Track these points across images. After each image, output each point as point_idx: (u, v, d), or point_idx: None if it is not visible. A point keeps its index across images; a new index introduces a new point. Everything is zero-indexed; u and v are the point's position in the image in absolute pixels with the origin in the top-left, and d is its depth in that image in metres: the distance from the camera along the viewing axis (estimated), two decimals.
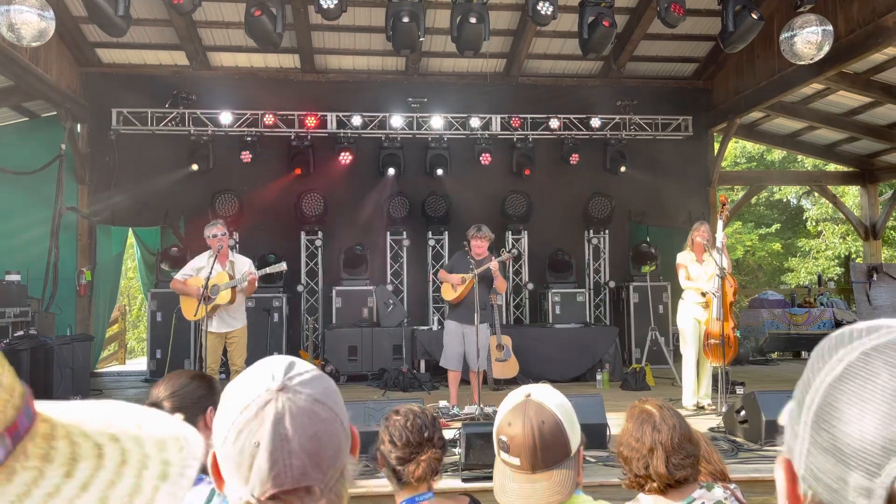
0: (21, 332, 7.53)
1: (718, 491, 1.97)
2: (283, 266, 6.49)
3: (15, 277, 8.17)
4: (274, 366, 0.90)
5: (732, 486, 2.00)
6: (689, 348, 6.77)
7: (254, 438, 0.84)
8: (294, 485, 0.84)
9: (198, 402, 1.99)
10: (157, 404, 1.92)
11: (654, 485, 1.91)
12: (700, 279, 6.65)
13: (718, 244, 6.35)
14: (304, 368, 0.91)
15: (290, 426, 0.84)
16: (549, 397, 1.53)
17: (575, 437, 1.51)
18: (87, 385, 8.46)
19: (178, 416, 1.97)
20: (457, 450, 4.46)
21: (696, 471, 1.97)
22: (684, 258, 6.81)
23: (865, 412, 0.55)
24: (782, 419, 0.65)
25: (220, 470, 0.89)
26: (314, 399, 0.87)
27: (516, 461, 1.47)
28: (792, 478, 0.61)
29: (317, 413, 0.86)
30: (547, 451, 1.46)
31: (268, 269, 6.38)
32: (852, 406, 0.56)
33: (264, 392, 0.86)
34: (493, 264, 6.37)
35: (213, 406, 2.04)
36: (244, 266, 6.45)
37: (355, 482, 0.92)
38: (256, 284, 6.36)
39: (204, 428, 1.99)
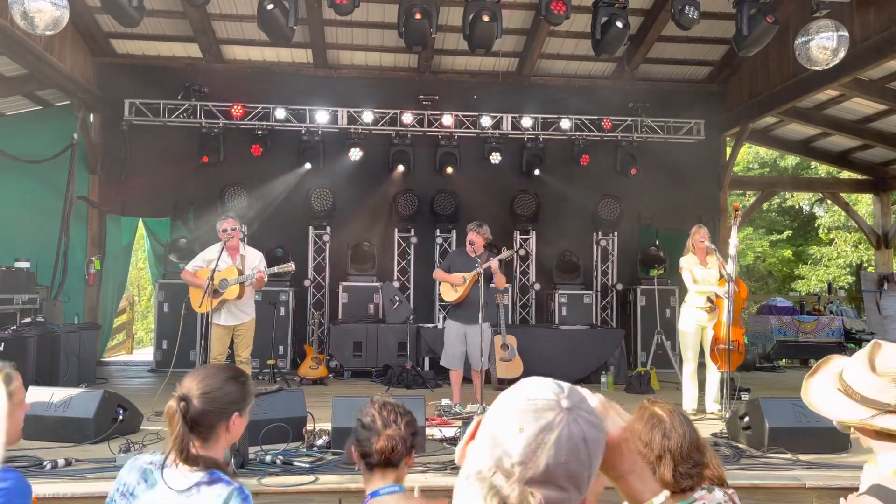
0: (29, 320, 7.58)
1: (719, 493, 1.95)
2: (291, 266, 6.50)
3: (24, 265, 8.22)
4: (574, 389, 0.95)
5: (730, 491, 1.99)
6: (689, 352, 6.73)
7: (522, 424, 0.89)
8: (519, 481, 0.87)
9: (227, 408, 1.96)
10: (186, 399, 1.91)
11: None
12: (705, 282, 6.61)
13: (732, 250, 6.30)
14: (593, 411, 0.95)
15: (552, 441, 0.88)
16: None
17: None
18: (93, 374, 8.51)
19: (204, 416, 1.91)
20: (456, 448, 4.44)
21: (701, 479, 1.96)
22: (688, 262, 6.76)
23: None
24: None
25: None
26: (584, 438, 0.90)
27: None
28: None
29: (578, 451, 0.89)
30: None
31: (276, 269, 6.39)
32: None
33: (555, 401, 0.91)
34: (493, 262, 6.35)
35: (239, 412, 1.99)
36: (255, 260, 6.47)
37: None
38: (266, 280, 6.37)
39: (225, 433, 1.97)
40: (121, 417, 5.21)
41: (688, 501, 1.90)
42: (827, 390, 1.82)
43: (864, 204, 16.56)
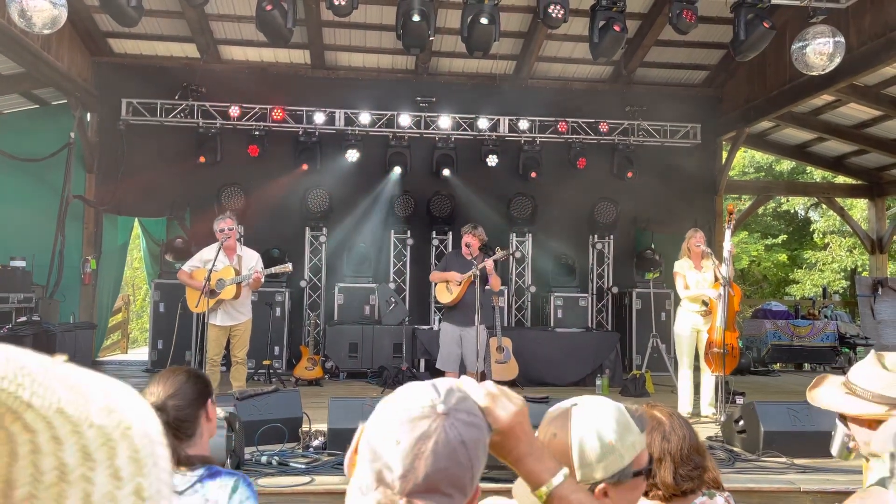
0: (24, 318, 7.57)
1: (720, 499, 1.96)
2: (288, 267, 6.50)
3: (20, 263, 8.21)
4: (455, 392, 0.96)
5: (726, 494, 2.00)
6: (684, 356, 6.75)
7: (398, 436, 0.90)
8: (401, 494, 0.89)
9: (198, 399, 2.03)
10: (161, 407, 1.93)
11: (659, 493, 1.91)
12: (699, 286, 6.63)
13: (726, 253, 6.32)
14: (474, 410, 0.96)
15: (429, 449, 0.89)
16: (587, 420, 1.44)
17: (588, 472, 1.37)
18: None
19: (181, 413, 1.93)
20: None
21: (702, 482, 1.96)
22: (682, 266, 6.78)
23: None
24: (892, 446, 0.63)
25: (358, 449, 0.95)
26: (462, 441, 0.91)
27: None
28: None
29: (457, 455, 0.90)
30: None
31: (273, 270, 6.39)
32: None
33: (429, 407, 0.91)
34: (488, 263, 6.36)
35: (210, 399, 2.07)
36: (251, 260, 6.46)
37: None
38: (263, 281, 6.37)
39: (206, 421, 2.04)
40: None
41: None
42: (835, 394, 1.93)
43: (859, 209, 16.63)
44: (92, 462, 0.46)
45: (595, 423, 1.40)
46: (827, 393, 2.00)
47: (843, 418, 1.99)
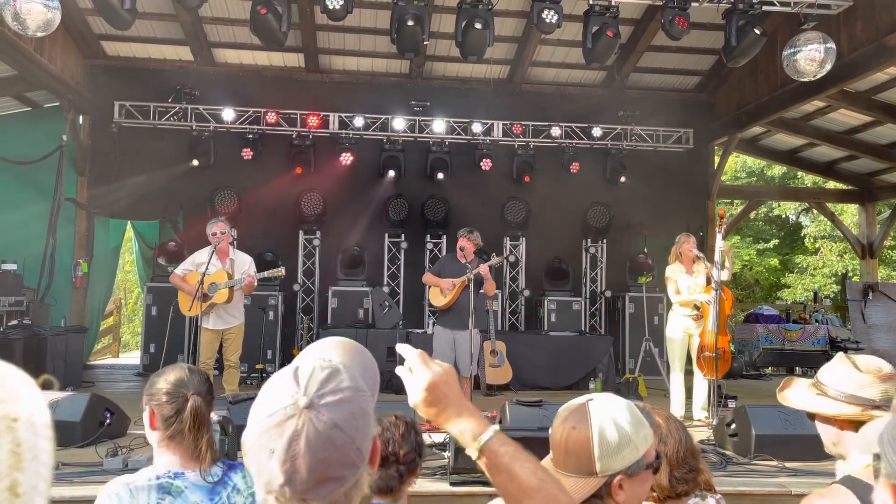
0: (15, 322, 7.53)
1: (711, 501, 1.98)
2: (281, 271, 6.50)
3: (11, 266, 8.17)
4: (314, 375, 0.94)
5: (718, 496, 2.02)
6: (676, 360, 6.77)
7: (270, 444, 0.89)
8: (295, 497, 0.89)
9: (210, 394, 2.05)
10: (201, 393, 1.96)
11: (654, 494, 1.92)
12: (691, 291, 6.66)
13: (717, 258, 6.35)
14: (339, 386, 0.94)
15: (303, 446, 0.88)
16: (604, 412, 1.49)
17: (608, 462, 1.45)
18: (80, 377, 8.46)
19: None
20: (446, 453, 4.46)
21: (697, 484, 1.98)
22: (673, 271, 6.80)
23: None
24: (877, 447, 0.64)
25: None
26: (334, 424, 0.90)
27: (551, 454, 1.54)
28: None
29: (332, 439, 0.90)
30: (568, 457, 1.47)
31: (266, 273, 6.38)
32: None
33: (291, 406, 0.90)
34: (484, 268, 6.36)
35: (212, 398, 2.07)
36: (244, 264, 6.45)
37: (366, 489, 0.97)
38: (256, 284, 6.37)
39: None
40: (108, 421, 5.18)
41: None
42: (805, 395, 1.97)
43: (850, 214, 16.73)
44: None
45: (613, 415, 1.46)
46: (797, 394, 2.05)
47: (812, 417, 2.04)
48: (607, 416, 1.47)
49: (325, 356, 1.03)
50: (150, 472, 1.90)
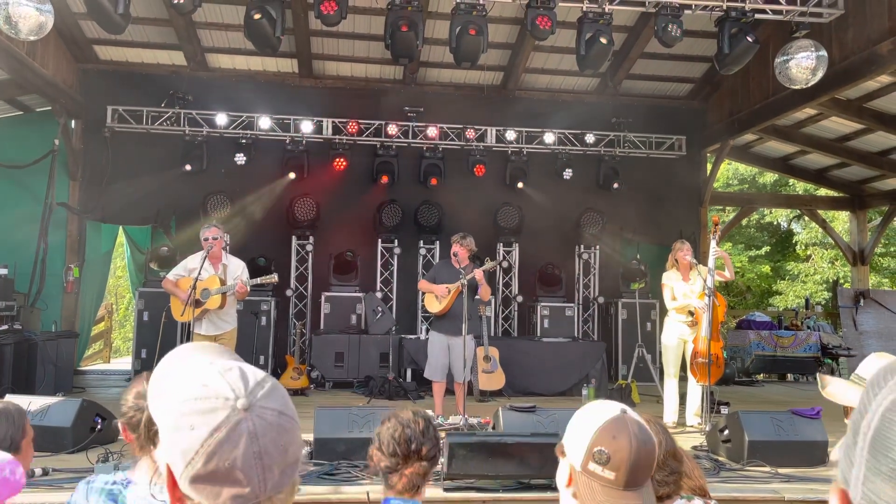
0: (5, 327, 7.48)
1: (698, 501, 1.98)
2: (274, 278, 6.47)
3: (2, 271, 8.10)
4: (229, 379, 0.90)
5: (712, 502, 2.02)
6: (671, 366, 6.78)
7: (227, 459, 0.85)
8: (268, 495, 0.87)
9: None
10: (141, 410, 1.91)
11: None
12: (687, 297, 6.67)
13: (712, 262, 6.36)
14: (258, 378, 0.92)
15: (263, 444, 0.86)
16: (639, 417, 1.50)
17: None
18: (70, 382, 8.40)
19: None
20: (440, 459, 4.44)
21: (679, 487, 1.98)
22: (669, 278, 6.82)
23: None
24: (834, 454, 0.64)
25: (180, 489, 0.89)
26: (279, 412, 0.89)
27: (611, 475, 1.41)
28: None
29: (283, 426, 0.89)
30: (644, 472, 1.44)
31: (259, 280, 6.36)
32: None
33: (232, 412, 0.86)
34: (478, 273, 6.37)
35: None
36: (237, 269, 6.41)
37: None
38: (249, 290, 6.34)
39: None
40: (99, 427, 5.14)
41: None
42: (851, 391, 2.02)
43: (841, 221, 16.82)
44: None
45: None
46: (842, 391, 2.10)
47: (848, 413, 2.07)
48: (640, 418, 1.50)
49: (207, 360, 1.00)
50: (110, 476, 1.90)
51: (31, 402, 5.09)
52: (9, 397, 5.15)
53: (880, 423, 0.57)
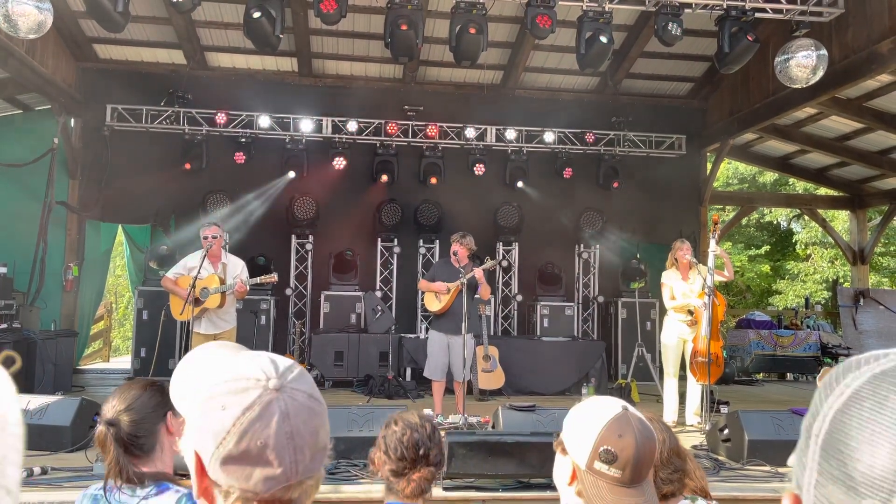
0: (5, 326, 7.47)
1: (702, 502, 1.97)
2: (273, 277, 6.47)
3: (1, 269, 8.10)
4: (259, 364, 0.91)
5: (713, 502, 2.01)
6: (670, 366, 6.77)
7: (259, 438, 0.85)
8: (299, 479, 0.87)
9: (155, 411, 1.96)
10: (114, 422, 1.90)
11: None
12: (687, 297, 6.66)
13: (710, 263, 6.36)
14: (287, 363, 0.93)
15: (294, 424, 0.87)
16: (638, 412, 1.51)
17: None
18: (70, 381, 8.39)
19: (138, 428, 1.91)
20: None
21: (683, 485, 1.97)
22: (669, 277, 6.81)
23: (876, 438, 0.52)
24: (791, 459, 0.63)
25: (208, 472, 0.88)
26: (309, 395, 0.90)
27: (618, 473, 1.42)
28: None
29: (313, 409, 0.90)
30: (647, 466, 1.45)
31: (258, 279, 6.35)
32: (862, 432, 0.53)
33: (265, 392, 0.87)
34: (478, 272, 6.36)
35: (171, 411, 1.98)
36: (236, 268, 6.40)
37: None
38: (248, 289, 6.33)
39: (166, 433, 1.97)
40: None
41: None
42: None
43: (841, 220, 16.82)
44: None
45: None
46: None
47: None
48: (639, 413, 1.50)
49: (227, 353, 1.01)
50: (100, 483, 1.91)
51: (29, 401, 5.09)
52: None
53: (831, 426, 0.56)
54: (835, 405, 0.56)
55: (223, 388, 0.89)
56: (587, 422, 1.47)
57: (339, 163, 10.27)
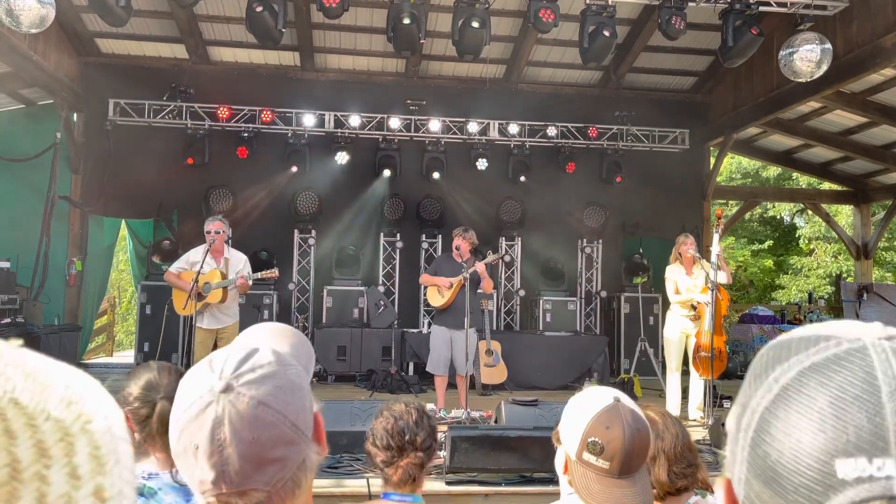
0: (8, 320, 7.50)
1: (712, 499, 1.97)
2: (274, 272, 6.48)
3: (4, 264, 8.13)
4: (228, 359, 0.87)
5: (717, 497, 2.01)
6: (673, 360, 6.77)
7: (193, 440, 0.83)
8: (233, 489, 0.82)
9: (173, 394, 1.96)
10: (150, 403, 1.89)
11: (654, 491, 1.91)
12: (690, 292, 6.66)
13: (714, 258, 6.35)
14: (258, 363, 0.87)
15: (228, 432, 0.81)
16: (633, 404, 1.50)
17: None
18: None
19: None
20: (442, 452, 4.45)
21: (696, 480, 1.97)
22: (673, 272, 6.80)
23: (802, 441, 0.49)
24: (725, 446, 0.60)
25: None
26: (258, 402, 0.83)
27: (606, 465, 1.43)
28: (733, 501, 0.56)
29: (259, 417, 0.83)
30: (638, 458, 1.43)
31: (259, 275, 6.35)
32: (788, 434, 0.50)
33: (207, 393, 0.83)
34: (480, 266, 6.36)
35: None
36: (239, 263, 6.41)
37: (316, 469, 0.90)
38: (251, 284, 6.34)
39: None
40: None
41: None
42: None
43: (845, 215, 16.78)
44: (48, 459, 0.42)
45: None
46: None
47: None
48: (634, 404, 1.49)
49: (244, 341, 0.97)
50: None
51: None
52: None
53: (759, 423, 0.53)
54: (763, 402, 0.53)
55: (187, 378, 0.88)
56: (578, 412, 1.48)
57: (342, 157, 10.26)
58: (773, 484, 0.50)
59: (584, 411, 1.47)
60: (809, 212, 16.68)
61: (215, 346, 6.40)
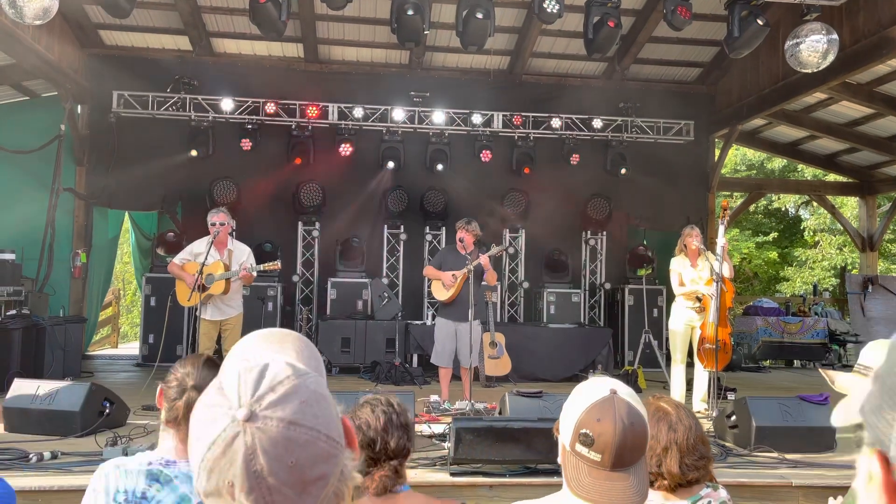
0: (14, 312, 7.52)
1: (723, 492, 1.97)
2: (277, 264, 6.48)
3: (9, 256, 8.14)
4: (242, 382, 0.79)
5: (721, 490, 2.02)
6: (678, 352, 6.76)
7: (226, 478, 0.75)
8: None
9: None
10: (200, 387, 1.89)
11: (665, 482, 1.92)
12: (695, 283, 6.64)
13: (719, 249, 6.33)
14: (276, 380, 0.80)
15: (264, 462, 0.75)
16: (633, 397, 1.49)
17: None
18: (79, 367, 8.44)
19: None
20: (446, 444, 4.45)
21: (707, 472, 1.98)
22: (678, 263, 6.79)
23: None
24: (857, 418, 0.62)
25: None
26: (288, 423, 0.77)
27: (597, 457, 1.42)
28: (888, 467, 0.59)
29: (293, 439, 0.76)
30: (632, 452, 1.43)
31: (262, 267, 6.35)
32: None
33: (229, 424, 0.76)
34: (484, 258, 6.36)
35: None
36: (242, 255, 6.42)
37: (357, 475, 0.85)
38: (255, 276, 6.35)
39: None
40: (107, 411, 5.16)
41: (695, 498, 1.91)
42: (856, 382, 1.99)
43: (850, 207, 16.71)
44: None
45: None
46: (851, 382, 2.08)
47: None
48: (633, 397, 1.48)
49: (246, 356, 0.88)
50: (144, 458, 1.88)
51: (39, 387, 5.13)
52: (17, 382, 5.19)
53: None
54: None
55: (202, 413, 0.80)
56: (573, 403, 1.48)
57: (346, 149, 10.25)
58: None
59: (579, 402, 1.47)
60: (815, 203, 16.63)
61: (219, 338, 6.42)
